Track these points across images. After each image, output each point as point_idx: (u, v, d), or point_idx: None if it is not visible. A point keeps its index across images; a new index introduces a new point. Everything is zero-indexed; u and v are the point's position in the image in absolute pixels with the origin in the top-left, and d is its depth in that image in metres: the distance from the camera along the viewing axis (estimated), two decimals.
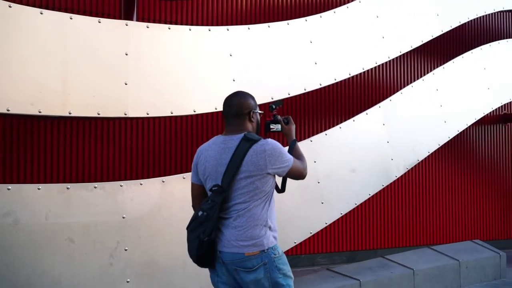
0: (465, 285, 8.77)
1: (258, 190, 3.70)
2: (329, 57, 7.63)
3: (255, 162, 3.67)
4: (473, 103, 9.54)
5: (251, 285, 3.67)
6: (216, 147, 3.79)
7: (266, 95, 7.02)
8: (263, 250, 3.67)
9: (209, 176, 3.77)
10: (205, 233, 3.65)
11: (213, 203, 3.66)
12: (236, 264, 3.67)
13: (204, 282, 6.27)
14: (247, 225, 3.67)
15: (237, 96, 3.87)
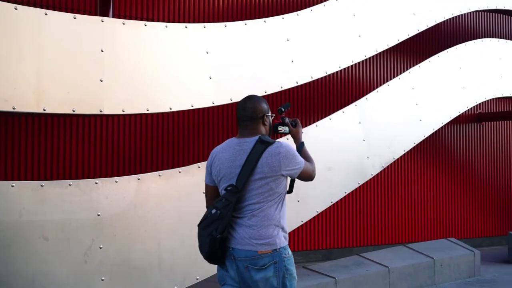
0: (440, 282, 8.83)
1: (272, 191, 3.81)
2: (306, 55, 7.63)
3: (270, 164, 3.79)
4: (448, 102, 9.60)
5: (260, 283, 3.77)
6: (231, 149, 3.92)
7: (243, 93, 6.97)
8: (275, 249, 3.78)
9: (223, 177, 3.89)
10: (218, 231, 3.75)
11: (227, 202, 3.78)
12: (248, 262, 3.76)
13: (179, 279, 6.27)
14: (261, 225, 3.78)
15: (251, 100, 4.00)
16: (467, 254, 9.41)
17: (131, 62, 6.19)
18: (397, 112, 8.75)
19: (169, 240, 6.20)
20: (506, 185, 13.93)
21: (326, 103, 10.82)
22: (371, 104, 8.43)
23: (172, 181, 6.29)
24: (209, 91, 6.66)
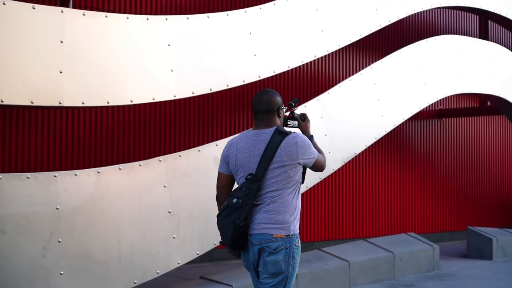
0: (400, 276, 8.91)
1: (290, 178, 4.02)
2: (268, 49, 7.62)
3: (288, 153, 4.01)
4: (409, 97, 9.68)
5: (269, 264, 3.97)
6: (248, 140, 4.13)
7: (205, 86, 6.97)
8: (288, 234, 3.98)
9: (241, 166, 4.09)
10: (240, 218, 3.94)
11: (247, 190, 3.97)
12: (263, 244, 3.96)
13: (139, 273, 6.22)
14: (279, 211, 3.99)
15: (267, 94, 4.22)
16: (427, 249, 9.51)
17: (92, 54, 6.11)
18: (359, 107, 8.79)
19: (129, 234, 6.15)
20: (466, 180, 14.11)
21: (289, 97, 10.82)
22: (333, 99, 8.45)
23: (132, 174, 6.24)
24: (170, 84, 6.61)
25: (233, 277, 7.23)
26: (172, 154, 6.70)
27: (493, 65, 11.50)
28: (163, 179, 6.45)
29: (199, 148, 6.90)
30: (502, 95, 11.60)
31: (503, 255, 11.15)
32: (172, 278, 7.57)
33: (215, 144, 7.05)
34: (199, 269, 8.78)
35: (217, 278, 7.22)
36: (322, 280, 7.88)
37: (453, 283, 8.60)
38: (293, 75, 10.88)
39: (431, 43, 10.25)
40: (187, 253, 6.63)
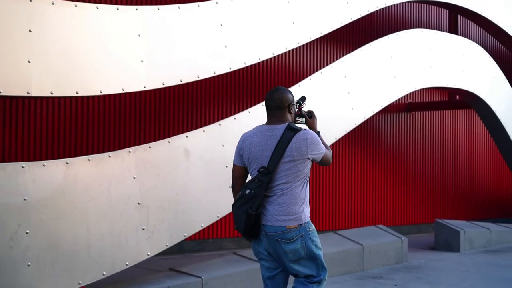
0: (368, 268, 8.98)
1: (299, 172, 4.36)
2: (239, 40, 7.60)
3: (298, 148, 4.33)
4: (379, 91, 9.73)
5: (289, 254, 4.33)
6: (261, 134, 4.47)
7: (175, 78, 6.94)
8: (300, 224, 4.35)
9: (254, 159, 4.43)
10: (252, 208, 4.29)
11: (260, 182, 4.31)
12: (278, 236, 4.32)
13: (108, 265, 6.18)
14: (289, 202, 4.34)
15: (278, 92, 4.54)
16: (395, 241, 9.58)
17: (61, 43, 6.03)
18: (329, 100, 8.81)
19: (98, 225, 6.11)
20: (434, 174, 14.24)
21: (259, 89, 10.82)
22: (304, 92, 8.44)
23: (101, 165, 6.19)
24: (140, 75, 6.57)
25: (203, 269, 7.23)
26: (142, 145, 6.67)
27: (462, 59, 11.61)
28: (133, 170, 6.42)
29: (169, 140, 6.88)
30: (470, 89, 11.71)
31: (470, 247, 11.28)
32: (142, 269, 7.54)
33: (185, 135, 7.03)
34: (169, 260, 8.77)
35: (186, 269, 7.21)
36: None
37: (421, 275, 8.69)
38: (264, 67, 10.88)
39: (401, 37, 10.30)
40: (156, 245, 6.60)
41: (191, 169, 6.98)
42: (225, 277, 7.18)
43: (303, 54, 11.55)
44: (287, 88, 4.62)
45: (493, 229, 12.07)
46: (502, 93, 12.65)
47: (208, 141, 7.21)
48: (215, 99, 10.28)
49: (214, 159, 7.22)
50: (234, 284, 7.24)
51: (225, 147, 7.32)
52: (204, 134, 7.22)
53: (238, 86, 10.57)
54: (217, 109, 10.29)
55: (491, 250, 11.38)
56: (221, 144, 7.30)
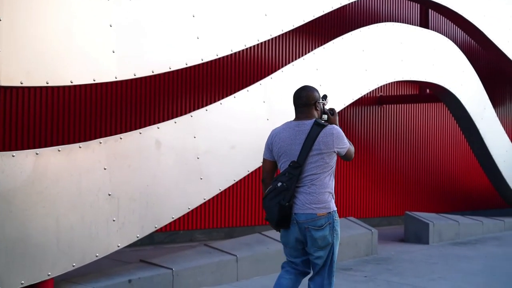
0: (339, 260, 9.00)
1: (326, 164, 4.72)
2: (211, 32, 7.58)
3: (325, 142, 4.69)
4: (351, 83, 9.76)
5: (318, 240, 4.68)
6: (290, 130, 4.81)
7: (147, 68, 6.90)
8: (329, 212, 4.72)
9: (283, 153, 4.78)
10: (285, 200, 4.63)
11: (291, 175, 4.66)
12: (308, 223, 4.67)
13: (78, 257, 6.15)
14: (319, 192, 4.69)
15: (305, 90, 4.92)
16: (365, 233, 9.65)
17: (31, 33, 5.96)
18: None
19: (68, 216, 6.07)
20: (404, 167, 14.36)
21: (231, 81, 10.82)
22: (275, 84, 8.47)
23: (72, 156, 6.15)
24: (112, 66, 6.52)
25: (173, 261, 7.23)
26: (113, 136, 6.62)
27: (433, 53, 11.70)
28: (103, 161, 6.38)
29: (140, 131, 6.84)
30: (440, 83, 11.81)
31: (439, 239, 11.41)
32: (112, 261, 7.52)
33: (157, 126, 7.00)
34: (139, 252, 8.75)
35: (157, 261, 7.20)
36: (262, 263, 7.93)
37: (390, 267, 8.77)
38: (236, 59, 10.87)
39: (372, 30, 10.35)
40: (127, 236, 6.58)
41: (162, 160, 6.96)
42: (195, 269, 7.18)
43: (276, 46, 11.56)
44: (313, 87, 4.97)
45: (462, 221, 12.22)
46: (472, 87, 12.78)
47: (179, 133, 7.19)
48: (187, 90, 10.25)
49: (185, 151, 7.21)
50: (205, 276, 7.25)
51: (197, 138, 7.31)
52: (175, 125, 7.20)
53: (210, 78, 10.55)
54: (189, 100, 10.26)
55: (459, 242, 11.51)
56: (193, 135, 7.28)
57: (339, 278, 7.85)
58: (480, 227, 12.64)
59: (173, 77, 10.00)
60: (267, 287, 7.29)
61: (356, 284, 7.59)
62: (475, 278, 8.10)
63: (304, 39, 12.02)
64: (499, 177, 13.62)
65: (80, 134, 8.97)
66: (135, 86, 9.58)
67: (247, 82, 10.53)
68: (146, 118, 9.70)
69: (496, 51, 13.88)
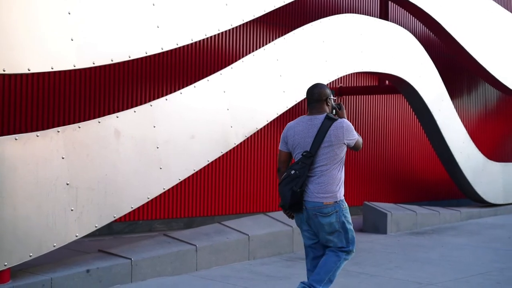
0: (298, 250, 9.08)
1: (336, 155, 5.15)
2: (171, 21, 7.54)
3: (335, 135, 5.13)
4: (311, 74, 9.78)
5: (325, 226, 5.14)
6: (304, 123, 5.27)
7: (106, 57, 6.84)
8: (335, 201, 5.16)
9: (298, 145, 5.24)
10: (297, 186, 5.09)
11: (303, 164, 5.12)
12: (316, 210, 5.13)
13: (35, 247, 6.09)
14: (327, 182, 5.13)
15: (317, 87, 5.34)
16: None
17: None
18: (261, 83, 8.84)
19: (25, 206, 6.00)
20: (364, 157, 14.48)
21: (191, 70, 10.78)
22: (236, 74, 8.47)
23: (29, 145, 6.07)
24: (70, 54, 6.44)
25: (132, 250, 7.20)
26: (71, 125, 6.56)
27: (392, 45, 11.80)
28: (61, 150, 6.31)
29: (99, 120, 6.79)
30: (399, 75, 11.92)
31: (396, 229, 11.54)
32: (70, 251, 7.46)
33: (116, 115, 6.95)
34: (98, 242, 8.69)
35: (115, 251, 7.17)
36: (221, 253, 7.94)
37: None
38: (197, 49, 10.83)
39: (333, 21, 10.39)
40: (85, 226, 6.53)
41: (121, 149, 6.92)
42: (155, 259, 7.16)
43: (236, 36, 11.54)
44: (325, 84, 5.41)
45: (419, 211, 12.38)
46: (430, 79, 12.92)
47: (139, 122, 7.15)
48: (147, 79, 10.19)
49: (145, 140, 7.17)
50: (164, 266, 7.23)
51: (156, 128, 7.28)
52: (135, 114, 7.15)
53: (170, 67, 10.50)
54: (149, 89, 10.20)
55: (417, 232, 11.67)
56: (152, 125, 7.25)
57: (297, 268, 7.90)
58: (437, 217, 12.82)
59: (132, 66, 9.93)
60: (226, 277, 7.31)
61: None
62: (431, 267, 8.22)
63: (265, 29, 12.02)
64: (456, 168, 13.81)
65: (37, 122, 8.86)
66: (94, 75, 9.49)
67: (207, 71, 10.50)
68: (105, 107, 9.62)
69: (454, 44, 14.06)
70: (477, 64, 14.71)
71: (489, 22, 15.23)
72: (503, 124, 18.90)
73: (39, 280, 6.10)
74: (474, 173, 14.21)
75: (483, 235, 11.46)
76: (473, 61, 14.60)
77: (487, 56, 14.88)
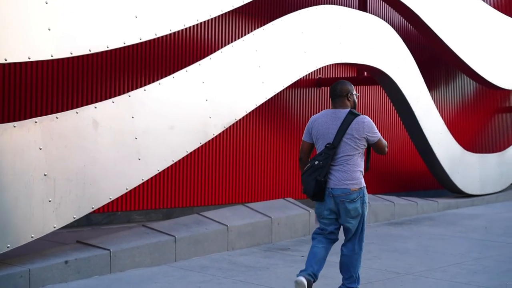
0: (277, 240, 9.11)
1: (358, 146, 5.61)
2: (150, 11, 7.51)
3: (357, 129, 5.58)
4: (290, 65, 9.81)
5: (351, 211, 5.59)
6: (328, 116, 5.71)
7: (84, 47, 6.80)
8: (360, 187, 5.63)
9: (321, 136, 5.66)
10: (320, 175, 5.53)
11: (326, 155, 5.56)
12: (343, 197, 5.57)
13: (13, 238, 6.06)
14: (352, 170, 5.59)
15: (340, 84, 5.80)
16: (303, 213, 9.75)
17: None
18: (240, 73, 8.83)
19: (1, 196, 5.96)
20: None
21: (169, 61, 10.74)
22: (215, 64, 8.46)
23: (6, 135, 6.03)
24: (48, 43, 6.40)
25: (111, 241, 7.18)
26: (48, 116, 6.52)
27: (371, 37, 11.84)
28: (39, 141, 6.28)
29: (77, 110, 6.75)
30: (378, 66, 11.97)
31: (375, 220, 11.60)
32: (48, 242, 7.42)
33: (94, 106, 6.92)
34: (76, 233, 8.66)
35: (94, 242, 7.15)
36: (200, 244, 7.94)
37: None
38: (176, 39, 10.79)
39: (312, 12, 10.40)
40: (63, 217, 6.51)
41: (99, 140, 6.89)
42: (133, 250, 7.15)
43: (215, 27, 11.51)
44: (347, 81, 5.82)
45: (397, 202, 12.46)
46: (408, 70, 12.99)
47: (117, 112, 7.12)
48: (125, 70, 10.14)
49: (123, 131, 7.15)
50: (142, 256, 7.22)
51: (135, 118, 7.26)
52: (113, 105, 7.13)
53: (148, 58, 10.46)
54: (127, 80, 10.15)
55: (395, 223, 11.74)
56: (131, 115, 7.23)
57: (275, 258, 7.93)
58: (415, 208, 12.91)
59: (111, 56, 9.87)
60: (205, 268, 7.32)
61: (293, 263, 7.67)
62: (409, 257, 8.28)
63: (244, 20, 12.00)
64: (434, 159, 13.92)
65: (15, 113, 8.79)
66: (72, 65, 9.42)
67: (186, 62, 10.47)
68: (83, 98, 9.56)
69: (432, 36, 14.13)
70: (455, 56, 14.80)
71: (467, 15, 15.32)
72: (480, 116, 19.05)
73: (17, 272, 6.07)
74: (451, 164, 14.33)
75: (460, 225, 11.56)
76: (451, 53, 14.69)
77: (465, 49, 14.98)
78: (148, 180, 8.47)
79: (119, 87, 10.01)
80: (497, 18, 16.57)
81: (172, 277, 6.86)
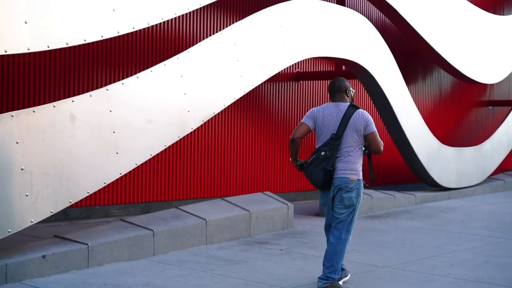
0: (255, 234, 9.13)
1: (359, 138, 5.98)
2: (127, 4, 7.47)
3: (357, 120, 5.95)
4: (268, 59, 9.80)
5: (346, 200, 5.94)
6: (331, 108, 6.06)
7: (61, 40, 6.75)
8: (358, 178, 6.00)
9: (326, 127, 6.00)
10: (329, 165, 5.89)
11: (332, 146, 5.91)
12: (342, 185, 5.92)
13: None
14: (353, 161, 5.96)
15: (339, 81, 6.17)
16: (282, 207, 9.77)
17: None
18: (218, 67, 8.82)
19: None
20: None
21: (148, 55, 10.70)
22: (193, 58, 8.43)
23: None
24: (24, 37, 6.35)
25: (88, 236, 7.16)
26: (25, 110, 6.47)
27: (349, 31, 11.86)
28: (16, 135, 6.23)
29: (54, 104, 6.71)
30: (356, 60, 12.00)
31: None
32: (25, 237, 7.38)
33: (71, 100, 6.88)
34: (54, 228, 8.62)
35: (72, 236, 7.11)
36: (179, 238, 7.94)
37: (306, 240, 8.92)
38: (153, 33, 10.75)
39: (290, 6, 10.39)
40: (40, 212, 6.47)
41: (77, 134, 6.86)
42: (111, 244, 7.13)
43: (193, 20, 11.48)
44: (345, 79, 6.22)
45: (374, 195, 12.52)
46: (386, 64, 13.03)
47: (95, 106, 7.09)
48: (103, 63, 10.09)
49: (101, 124, 7.12)
50: (120, 251, 7.20)
51: (113, 112, 7.23)
52: (90, 99, 7.09)
53: (126, 51, 10.41)
54: (105, 73, 10.10)
55: (372, 216, 11.81)
56: (108, 109, 7.19)
57: (254, 252, 7.95)
58: (392, 201, 12.99)
59: (88, 49, 9.81)
60: (184, 261, 7.32)
61: (272, 257, 7.69)
62: (386, 250, 8.34)
63: (222, 14, 11.98)
64: (411, 153, 14.00)
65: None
66: (49, 58, 9.35)
67: (164, 56, 10.44)
68: (60, 91, 9.50)
69: (409, 30, 14.19)
70: (432, 50, 14.87)
71: (443, 9, 15.40)
72: (457, 110, 19.18)
73: None
74: (428, 158, 14.42)
75: (437, 218, 11.65)
76: (428, 47, 14.76)
77: (442, 42, 15.06)
78: (126, 174, 8.44)
79: (97, 81, 9.96)
80: (473, 13, 16.67)
81: (150, 271, 6.85)
